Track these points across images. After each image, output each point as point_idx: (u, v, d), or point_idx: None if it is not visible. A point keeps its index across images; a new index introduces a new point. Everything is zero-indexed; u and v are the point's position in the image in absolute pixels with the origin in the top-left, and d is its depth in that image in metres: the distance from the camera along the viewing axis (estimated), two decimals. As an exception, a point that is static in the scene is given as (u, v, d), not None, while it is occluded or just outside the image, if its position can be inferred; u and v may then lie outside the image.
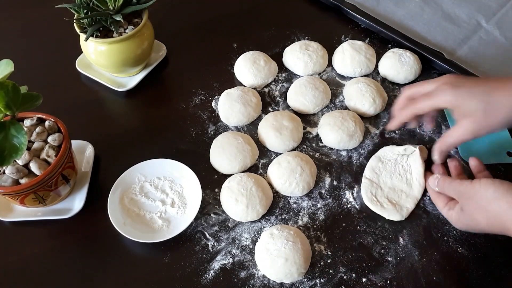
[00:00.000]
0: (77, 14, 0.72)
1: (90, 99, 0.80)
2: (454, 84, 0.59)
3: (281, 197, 0.67)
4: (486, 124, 0.57)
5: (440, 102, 0.59)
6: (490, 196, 0.53)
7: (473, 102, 0.57)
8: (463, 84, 0.58)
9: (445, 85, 0.59)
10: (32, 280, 0.60)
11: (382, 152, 0.69)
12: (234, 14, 0.94)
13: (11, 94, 0.51)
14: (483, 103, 0.56)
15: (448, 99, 0.58)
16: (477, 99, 0.57)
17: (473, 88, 0.58)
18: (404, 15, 0.90)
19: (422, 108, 0.62)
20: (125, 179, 0.66)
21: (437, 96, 0.59)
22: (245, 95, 0.75)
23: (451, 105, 0.59)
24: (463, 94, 0.57)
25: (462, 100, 0.57)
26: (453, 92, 0.58)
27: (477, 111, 0.57)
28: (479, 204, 0.54)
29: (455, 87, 0.58)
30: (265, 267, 0.58)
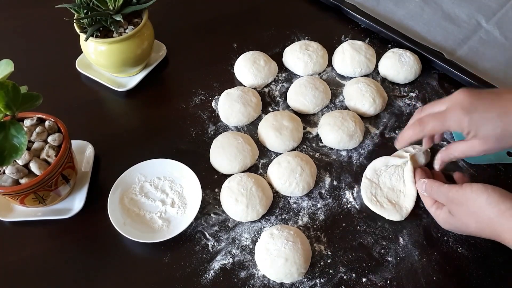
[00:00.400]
0: (77, 14, 0.72)
1: (90, 99, 0.80)
2: (467, 108, 0.55)
3: (281, 197, 0.67)
4: (498, 147, 0.56)
5: (453, 126, 0.56)
6: (483, 203, 0.52)
7: (487, 128, 0.54)
8: (477, 107, 0.55)
9: (457, 108, 0.56)
10: (32, 280, 0.60)
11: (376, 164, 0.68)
12: (234, 14, 0.94)
13: (11, 94, 0.51)
14: (498, 129, 0.54)
15: (460, 125, 0.55)
16: (491, 126, 0.54)
17: (487, 112, 0.54)
18: (404, 15, 0.90)
19: (434, 130, 0.59)
20: (125, 179, 0.66)
21: (449, 120, 0.56)
22: (245, 95, 0.75)
23: (465, 130, 0.55)
24: (477, 119, 0.54)
25: (475, 126, 0.54)
26: (466, 118, 0.54)
27: (490, 137, 0.55)
28: (470, 210, 0.54)
29: (468, 112, 0.54)
30: (265, 267, 0.58)
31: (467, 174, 0.67)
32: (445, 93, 0.79)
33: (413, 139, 0.61)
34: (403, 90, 0.80)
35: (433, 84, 0.80)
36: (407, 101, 0.78)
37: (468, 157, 0.68)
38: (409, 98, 0.78)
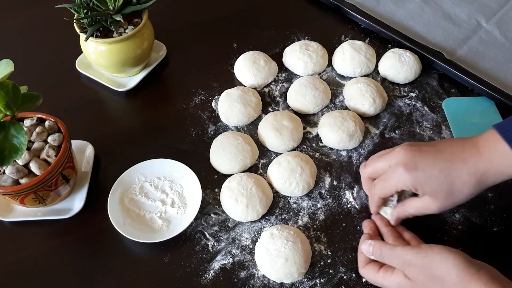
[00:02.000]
0: (77, 14, 0.72)
1: (90, 99, 0.80)
2: (409, 165, 0.54)
3: (281, 197, 0.67)
4: (451, 203, 0.54)
5: (399, 185, 0.55)
6: (449, 265, 0.48)
7: (433, 186, 0.53)
8: (418, 165, 0.53)
9: (399, 166, 0.54)
10: (32, 280, 0.60)
11: None
12: (234, 14, 0.94)
13: (11, 94, 0.51)
14: (444, 186, 0.53)
15: (405, 183, 0.54)
16: (437, 182, 0.53)
17: (431, 169, 0.53)
18: (404, 15, 0.90)
19: (384, 193, 0.58)
20: (125, 179, 0.66)
21: (394, 180, 0.55)
22: (245, 95, 0.75)
23: (412, 188, 0.54)
24: (421, 178, 0.53)
25: (420, 184, 0.53)
26: (409, 176, 0.53)
27: (439, 194, 0.53)
28: (433, 273, 0.49)
29: (411, 170, 0.53)
30: (265, 267, 0.58)
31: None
32: (445, 93, 0.79)
33: (377, 205, 0.61)
34: (403, 90, 0.80)
35: (433, 84, 0.80)
36: (407, 101, 0.78)
37: None
38: (409, 98, 0.78)
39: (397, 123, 0.75)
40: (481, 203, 0.66)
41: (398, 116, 0.76)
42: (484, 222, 0.64)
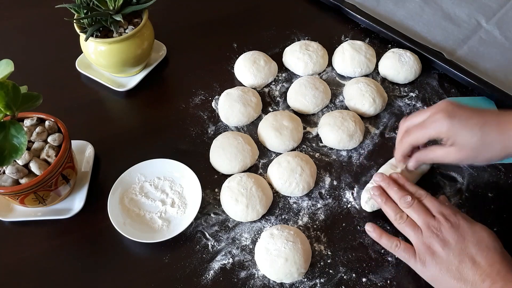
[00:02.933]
0: (77, 14, 0.72)
1: (90, 99, 0.80)
2: (450, 112, 0.56)
3: (281, 197, 0.67)
4: (472, 157, 0.56)
5: (433, 132, 0.57)
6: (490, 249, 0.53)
7: (465, 135, 0.55)
8: (458, 114, 0.56)
9: (439, 113, 0.57)
10: (32, 280, 0.60)
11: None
12: (234, 14, 0.94)
13: (11, 94, 0.51)
14: (474, 138, 0.54)
15: (441, 129, 0.56)
16: (469, 134, 0.55)
17: (468, 120, 0.55)
18: (404, 15, 0.90)
19: (417, 139, 0.59)
20: (125, 179, 0.66)
21: (431, 126, 0.57)
22: (245, 95, 0.75)
23: (444, 135, 0.56)
24: (457, 125, 0.55)
25: (455, 130, 0.55)
26: (447, 122, 0.55)
27: (467, 145, 0.55)
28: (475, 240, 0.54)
29: (450, 117, 0.55)
30: (265, 267, 0.58)
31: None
32: (445, 93, 0.79)
33: (405, 151, 0.62)
34: (403, 90, 0.80)
35: (433, 84, 0.80)
36: (407, 101, 0.78)
37: None
38: (409, 98, 0.78)
39: (397, 123, 0.75)
40: (481, 203, 0.66)
41: (398, 116, 0.76)
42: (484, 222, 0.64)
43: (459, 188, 0.67)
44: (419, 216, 0.57)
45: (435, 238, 0.54)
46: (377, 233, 0.59)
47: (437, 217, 0.56)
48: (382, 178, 0.62)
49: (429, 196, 0.59)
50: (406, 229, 0.57)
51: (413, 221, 0.57)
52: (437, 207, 0.57)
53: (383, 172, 0.67)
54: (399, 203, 0.59)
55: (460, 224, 0.55)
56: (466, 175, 0.68)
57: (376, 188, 0.62)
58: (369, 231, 0.60)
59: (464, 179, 0.68)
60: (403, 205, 0.58)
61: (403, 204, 0.58)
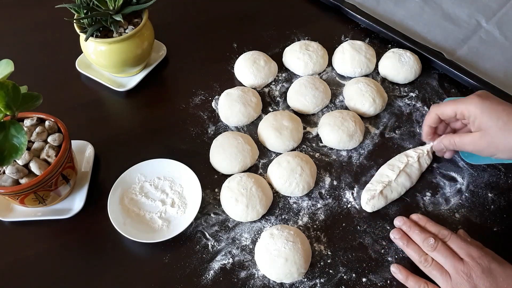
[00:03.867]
0: (77, 14, 0.72)
1: (90, 99, 0.80)
2: (482, 96, 0.58)
3: (281, 197, 0.67)
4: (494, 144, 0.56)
5: (462, 107, 0.58)
6: None
7: (490, 118, 0.56)
8: (490, 98, 0.58)
9: (473, 95, 0.59)
10: (32, 280, 0.60)
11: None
12: (234, 14, 0.94)
13: (11, 94, 0.51)
14: (499, 122, 0.55)
15: (471, 107, 0.57)
16: (494, 116, 0.56)
17: (496, 105, 0.57)
18: (404, 15, 0.90)
19: (443, 111, 0.61)
20: (125, 179, 0.66)
21: (462, 102, 0.59)
22: (245, 95, 0.75)
23: (472, 114, 0.57)
24: (486, 107, 0.56)
25: (482, 112, 0.56)
26: (478, 101, 0.57)
27: (490, 128, 0.56)
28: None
29: (482, 98, 0.57)
30: (265, 267, 0.58)
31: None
32: (445, 93, 0.79)
33: (430, 122, 0.64)
34: (403, 90, 0.80)
35: (433, 84, 0.80)
36: (407, 101, 0.78)
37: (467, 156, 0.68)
38: (409, 98, 0.78)
39: (397, 123, 0.75)
40: (481, 203, 0.66)
41: (398, 116, 0.76)
42: (484, 222, 0.64)
43: (459, 188, 0.67)
44: (446, 260, 0.55)
45: (466, 284, 0.52)
46: (403, 274, 0.57)
47: (466, 260, 0.54)
48: (403, 221, 0.61)
49: (453, 236, 0.57)
50: (433, 272, 0.55)
51: (439, 265, 0.55)
52: (464, 248, 0.55)
53: (383, 172, 0.67)
54: (423, 246, 0.57)
55: (492, 268, 0.53)
56: (466, 175, 0.68)
57: (397, 231, 0.61)
58: (395, 272, 0.58)
59: (464, 179, 0.68)
60: (427, 248, 0.57)
61: (427, 247, 0.57)
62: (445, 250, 0.56)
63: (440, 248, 0.56)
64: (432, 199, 0.66)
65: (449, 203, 0.66)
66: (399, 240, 0.60)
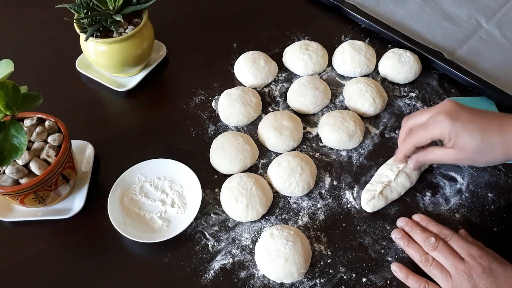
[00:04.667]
0: (77, 14, 0.72)
1: (90, 99, 0.80)
2: (452, 114, 0.56)
3: (281, 197, 0.67)
4: (471, 159, 0.57)
5: (437, 133, 0.57)
6: None
7: (466, 139, 0.55)
8: (461, 116, 0.56)
9: (442, 114, 0.57)
10: (32, 280, 0.60)
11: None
12: (234, 14, 0.94)
13: (11, 94, 0.51)
14: (475, 142, 0.55)
15: (444, 131, 0.56)
16: (471, 137, 0.55)
17: (470, 123, 0.55)
18: (404, 15, 0.90)
19: (419, 140, 0.59)
20: (125, 179, 0.66)
21: (434, 127, 0.57)
22: (245, 95, 0.75)
23: (447, 136, 0.57)
24: (459, 128, 0.55)
25: (456, 133, 0.55)
26: (449, 124, 0.56)
27: (467, 148, 0.56)
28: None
29: (452, 119, 0.56)
30: (265, 267, 0.58)
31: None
32: (445, 93, 0.79)
33: (407, 152, 0.62)
34: (403, 90, 0.80)
35: (433, 84, 0.80)
36: (407, 101, 0.78)
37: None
38: (409, 98, 0.78)
39: (397, 123, 0.75)
40: (481, 203, 0.66)
41: (398, 116, 0.76)
42: (484, 222, 0.64)
43: (459, 188, 0.67)
44: (447, 259, 0.55)
45: (467, 284, 0.52)
46: (404, 273, 0.57)
47: (467, 260, 0.54)
48: (405, 222, 0.61)
49: (455, 235, 0.57)
50: (434, 271, 0.55)
51: (440, 264, 0.55)
52: (465, 248, 0.55)
53: (382, 172, 0.67)
54: (424, 245, 0.58)
55: (492, 268, 0.53)
56: (466, 175, 0.68)
57: (398, 231, 0.61)
58: (395, 271, 0.58)
59: (464, 179, 0.68)
60: (428, 247, 0.57)
61: (428, 246, 0.57)
62: (445, 249, 0.56)
63: (441, 247, 0.56)
64: (432, 199, 0.66)
65: (449, 203, 0.66)
66: (400, 240, 0.60)
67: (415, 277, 0.57)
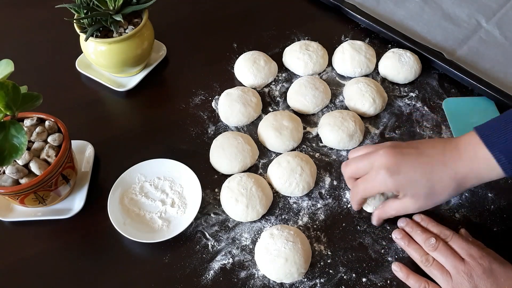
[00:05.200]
0: (77, 14, 0.72)
1: (90, 99, 0.80)
2: (391, 169, 0.55)
3: (281, 197, 0.67)
4: (431, 203, 0.56)
5: (381, 188, 0.57)
6: None
7: (414, 189, 0.55)
8: (401, 168, 0.55)
9: (381, 170, 0.55)
10: (32, 280, 0.60)
11: None
12: (234, 14, 0.94)
13: (11, 94, 0.51)
14: (425, 189, 0.55)
15: (388, 187, 0.56)
16: (418, 186, 0.55)
17: (411, 173, 0.55)
18: (404, 15, 0.90)
19: (366, 194, 0.60)
20: (125, 179, 0.66)
21: (377, 183, 0.56)
22: (245, 95, 0.75)
23: (394, 191, 0.57)
24: (403, 181, 0.55)
25: (402, 187, 0.55)
26: (391, 181, 0.55)
27: (420, 196, 0.55)
28: None
29: (393, 174, 0.55)
30: (265, 267, 0.58)
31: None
32: (445, 93, 0.79)
33: (357, 204, 0.63)
34: (403, 90, 0.80)
35: (433, 84, 0.80)
36: (407, 101, 0.78)
37: None
38: (409, 98, 0.78)
39: (397, 123, 0.75)
40: (481, 203, 0.66)
41: (398, 116, 0.76)
42: (484, 222, 0.64)
43: (459, 188, 0.67)
44: (447, 259, 0.55)
45: (467, 285, 0.52)
46: (404, 273, 0.57)
47: (467, 260, 0.54)
48: (406, 222, 0.61)
49: (455, 236, 0.57)
50: (434, 272, 0.55)
51: (440, 264, 0.55)
52: (465, 248, 0.55)
53: None
54: (424, 246, 0.57)
55: (493, 268, 0.53)
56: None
57: (399, 231, 0.61)
58: (396, 270, 0.58)
59: (464, 179, 0.68)
60: (428, 248, 0.57)
61: (428, 247, 0.57)
62: (446, 250, 0.56)
63: (441, 248, 0.56)
64: (432, 199, 0.66)
65: (449, 203, 0.66)
66: (400, 240, 0.60)
67: (415, 277, 0.57)
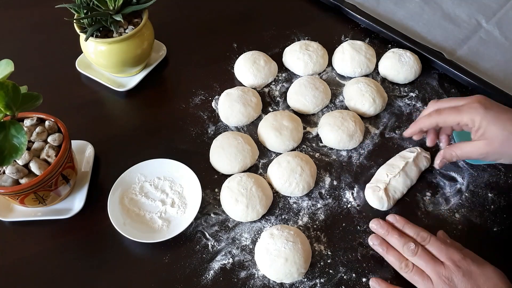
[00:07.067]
0: (77, 14, 0.72)
1: (90, 99, 0.80)
2: (485, 105, 0.57)
3: (281, 197, 0.67)
4: (500, 152, 0.56)
5: (466, 118, 0.57)
6: None
7: (496, 128, 0.55)
8: (494, 107, 0.57)
9: (476, 103, 0.57)
10: (32, 280, 0.60)
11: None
12: (234, 14, 0.94)
13: (11, 94, 0.51)
14: (505, 132, 0.55)
15: (475, 117, 0.56)
16: (501, 126, 0.55)
17: (501, 114, 0.56)
18: (404, 15, 0.90)
19: (445, 120, 0.59)
20: (125, 179, 0.66)
21: (466, 112, 0.57)
22: (245, 95, 0.75)
23: (477, 124, 0.56)
24: (490, 117, 0.56)
25: (487, 122, 0.56)
26: (482, 111, 0.56)
27: (496, 138, 0.55)
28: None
29: (486, 108, 0.56)
30: (265, 267, 0.58)
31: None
32: (445, 93, 0.79)
33: (426, 126, 0.62)
34: (403, 90, 0.80)
35: (433, 84, 0.80)
36: (407, 101, 0.78)
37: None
38: (409, 98, 0.78)
39: (397, 123, 0.75)
40: (481, 203, 0.66)
41: (398, 116, 0.76)
42: (484, 222, 0.64)
43: (459, 188, 0.67)
44: (427, 264, 0.54)
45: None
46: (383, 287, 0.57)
47: (447, 264, 0.54)
48: (379, 224, 0.60)
49: (433, 238, 0.57)
50: (415, 278, 0.55)
51: (420, 269, 0.55)
52: (444, 251, 0.55)
53: (383, 172, 0.67)
54: (403, 251, 0.57)
55: (472, 271, 0.53)
56: (466, 175, 0.68)
57: (375, 237, 0.60)
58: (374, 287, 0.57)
59: (464, 179, 0.68)
60: (408, 253, 0.56)
61: (407, 252, 0.56)
62: (425, 255, 0.55)
63: (420, 253, 0.55)
64: (432, 199, 0.66)
65: (449, 203, 0.66)
66: (378, 246, 0.59)
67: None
